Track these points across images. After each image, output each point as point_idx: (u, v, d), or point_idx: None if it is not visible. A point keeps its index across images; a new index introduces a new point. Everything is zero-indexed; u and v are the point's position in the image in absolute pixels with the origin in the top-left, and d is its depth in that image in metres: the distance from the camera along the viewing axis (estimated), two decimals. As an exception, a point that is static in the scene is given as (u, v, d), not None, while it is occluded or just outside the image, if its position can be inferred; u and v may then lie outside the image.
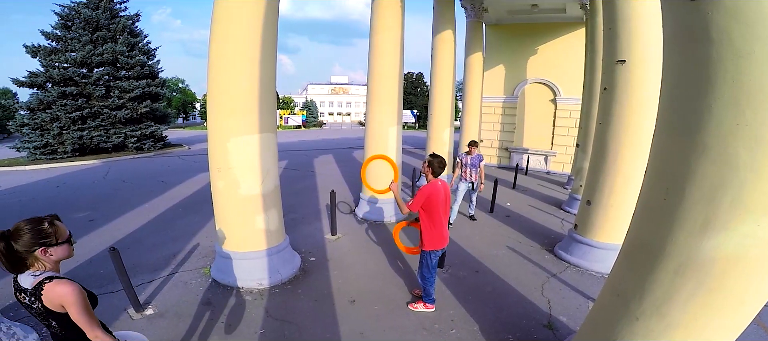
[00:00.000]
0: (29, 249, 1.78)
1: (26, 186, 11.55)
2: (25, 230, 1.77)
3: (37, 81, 17.94)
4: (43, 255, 1.81)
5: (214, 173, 4.68)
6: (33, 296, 1.79)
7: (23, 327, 3.59)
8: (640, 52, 4.92)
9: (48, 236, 1.81)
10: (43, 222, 1.82)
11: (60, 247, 1.87)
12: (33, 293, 1.79)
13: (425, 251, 4.07)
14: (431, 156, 3.95)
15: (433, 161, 3.90)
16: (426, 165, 3.95)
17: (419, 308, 4.28)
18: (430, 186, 3.87)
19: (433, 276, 4.17)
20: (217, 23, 4.36)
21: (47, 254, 1.82)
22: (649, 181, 2.34)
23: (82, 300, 1.82)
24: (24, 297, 1.82)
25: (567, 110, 14.49)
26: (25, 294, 1.81)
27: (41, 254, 1.80)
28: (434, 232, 3.96)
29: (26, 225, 1.78)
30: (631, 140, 5.10)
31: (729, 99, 1.75)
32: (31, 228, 1.78)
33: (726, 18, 1.73)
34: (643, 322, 2.25)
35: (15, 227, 1.78)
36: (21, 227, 1.78)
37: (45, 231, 1.80)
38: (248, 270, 4.77)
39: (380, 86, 7.42)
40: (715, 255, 1.91)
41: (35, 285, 1.79)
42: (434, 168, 3.89)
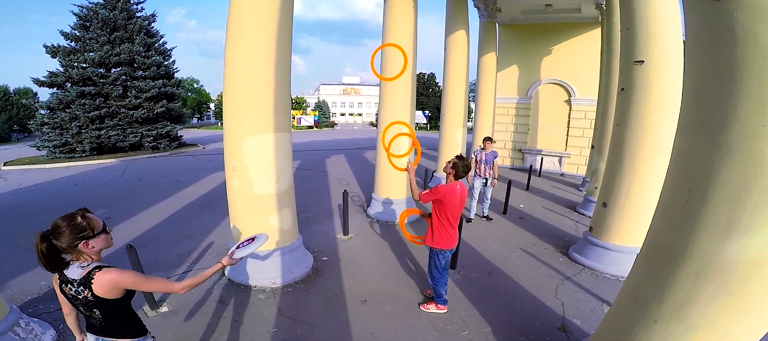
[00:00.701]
0: (72, 245, 1.85)
1: (46, 184, 11.83)
2: (63, 228, 1.84)
3: (57, 81, 18.39)
4: (86, 248, 1.89)
5: (229, 171, 4.73)
6: (82, 285, 1.88)
7: (41, 324, 3.67)
8: (658, 53, 4.83)
9: (85, 230, 1.89)
10: (76, 217, 1.89)
11: (98, 238, 1.96)
12: (82, 282, 1.88)
13: (434, 250, 4.04)
14: (458, 158, 3.87)
15: (459, 163, 3.82)
16: (450, 166, 3.86)
17: (431, 309, 4.26)
18: (448, 187, 3.81)
19: (443, 277, 4.14)
20: (232, 23, 4.40)
21: (89, 246, 1.90)
22: (670, 182, 2.30)
23: (134, 274, 1.97)
24: (70, 288, 1.90)
25: (582, 111, 14.31)
26: (72, 285, 1.89)
27: (84, 247, 1.88)
28: (443, 231, 3.93)
29: (63, 222, 1.85)
30: (649, 141, 5.01)
31: (755, 99, 1.71)
32: (67, 224, 1.84)
33: (751, 17, 1.69)
34: (662, 325, 2.21)
35: (53, 226, 1.85)
36: (59, 225, 1.85)
37: (81, 225, 1.87)
38: (262, 269, 4.80)
39: (393, 86, 7.41)
40: (738, 258, 1.87)
41: (84, 275, 1.88)
42: (458, 171, 3.82)
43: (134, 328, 2.11)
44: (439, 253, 4.02)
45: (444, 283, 4.18)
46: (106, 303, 1.93)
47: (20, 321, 3.45)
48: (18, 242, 6.23)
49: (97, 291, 1.88)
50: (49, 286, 4.66)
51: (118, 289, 1.94)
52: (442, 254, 4.03)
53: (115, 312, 1.99)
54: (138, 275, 1.98)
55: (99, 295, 1.89)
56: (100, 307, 1.94)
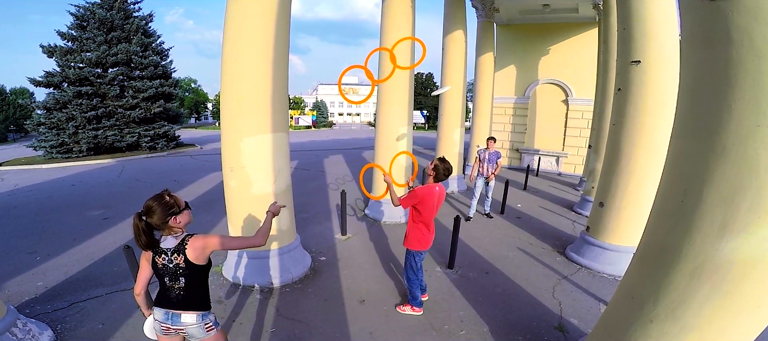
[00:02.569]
0: (164, 221, 2.13)
1: (43, 184, 11.78)
2: (155, 207, 2.11)
3: (54, 81, 18.30)
4: (175, 223, 2.18)
5: (226, 172, 4.72)
6: (176, 252, 2.17)
7: (38, 324, 3.66)
8: (655, 53, 4.85)
9: (173, 206, 2.17)
10: (164, 197, 2.16)
11: (184, 213, 2.24)
12: (177, 249, 2.17)
13: (410, 251, 4.04)
14: (440, 160, 3.86)
15: (440, 166, 3.82)
16: (431, 167, 3.88)
17: (406, 311, 4.21)
18: (426, 189, 3.80)
19: (418, 278, 4.11)
20: (230, 23, 4.40)
21: (177, 221, 2.18)
22: (666, 182, 2.31)
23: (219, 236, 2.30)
24: (164, 257, 2.18)
25: (579, 111, 14.35)
26: (166, 254, 2.18)
27: (173, 222, 2.16)
28: (419, 233, 3.94)
29: (154, 202, 2.13)
30: (646, 141, 5.03)
31: (749, 100, 1.72)
32: (158, 203, 2.13)
33: (746, 18, 1.70)
34: (657, 325, 2.23)
35: (146, 207, 2.13)
36: (151, 206, 2.12)
37: (169, 203, 2.16)
38: (259, 269, 4.80)
39: (391, 86, 7.42)
40: (733, 258, 1.88)
41: (179, 242, 2.18)
42: (439, 173, 3.83)
43: (205, 301, 2.34)
44: (415, 254, 4.02)
45: (418, 285, 4.15)
46: (194, 269, 2.21)
47: (18, 322, 3.43)
48: (15, 242, 6.21)
49: (190, 255, 2.17)
50: (46, 287, 4.65)
51: (207, 252, 2.25)
52: (418, 255, 4.03)
53: (199, 279, 2.27)
54: (222, 236, 2.31)
55: (191, 260, 2.17)
56: (187, 274, 2.20)
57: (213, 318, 2.40)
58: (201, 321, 2.29)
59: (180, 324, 2.25)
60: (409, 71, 7.52)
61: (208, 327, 2.32)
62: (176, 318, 2.24)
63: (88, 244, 6.18)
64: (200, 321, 2.29)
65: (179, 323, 2.25)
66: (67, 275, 5.01)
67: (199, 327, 2.28)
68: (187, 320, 2.25)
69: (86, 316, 4.01)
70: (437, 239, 6.49)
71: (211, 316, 2.38)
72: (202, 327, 2.30)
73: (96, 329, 3.79)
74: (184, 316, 2.24)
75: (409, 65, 7.08)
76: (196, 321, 2.27)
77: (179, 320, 2.24)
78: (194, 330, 2.28)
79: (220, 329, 2.49)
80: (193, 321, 2.26)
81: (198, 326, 2.28)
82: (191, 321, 2.26)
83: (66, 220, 7.53)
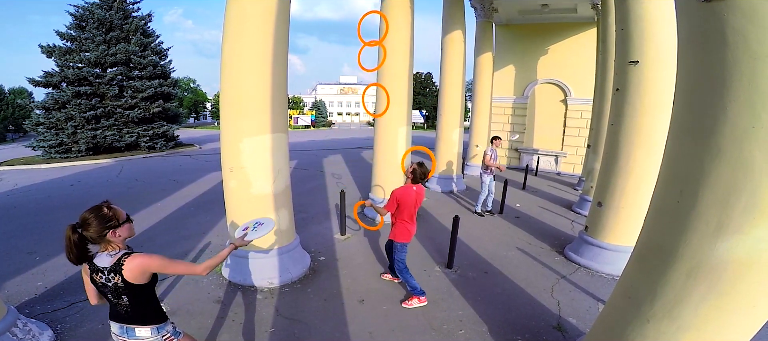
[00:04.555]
0: (101, 234, 1.99)
1: (41, 184, 11.78)
2: (91, 219, 1.97)
3: (53, 81, 18.26)
4: (113, 237, 2.03)
5: (226, 172, 4.73)
6: (112, 272, 2.01)
7: (38, 324, 3.67)
8: (653, 53, 4.87)
9: (111, 219, 2.02)
10: (102, 209, 2.02)
11: (123, 227, 2.09)
12: (113, 269, 2.01)
13: (395, 243, 4.39)
14: (418, 164, 4.25)
15: (418, 169, 4.22)
16: (410, 170, 4.25)
17: (414, 304, 4.36)
18: (403, 190, 4.22)
19: (406, 268, 4.45)
20: (229, 23, 4.41)
21: (116, 235, 2.04)
22: (662, 183, 2.32)
23: (160, 258, 2.12)
24: (100, 276, 2.03)
25: (578, 111, 14.37)
26: (103, 272, 2.03)
27: (111, 236, 2.02)
28: (403, 227, 4.32)
29: (90, 214, 1.99)
30: (644, 141, 5.05)
31: (745, 101, 1.74)
32: (95, 216, 1.98)
33: (742, 20, 1.72)
34: (655, 324, 2.24)
35: (82, 219, 1.98)
36: (87, 217, 1.98)
37: (107, 215, 2.01)
38: (259, 269, 4.81)
39: (390, 86, 7.43)
40: (728, 259, 1.90)
41: (115, 262, 2.01)
42: (416, 176, 4.23)
43: (158, 314, 2.24)
44: (399, 246, 4.38)
45: (410, 273, 4.44)
46: (134, 289, 2.06)
47: (18, 322, 3.44)
48: (15, 242, 6.22)
49: (127, 275, 2.01)
50: (46, 287, 4.66)
51: (146, 273, 2.08)
52: (402, 246, 4.38)
53: (143, 297, 2.12)
54: (163, 258, 2.13)
55: (128, 280, 2.02)
56: (129, 293, 2.06)
57: (171, 327, 2.33)
58: (157, 334, 2.21)
59: (135, 337, 2.17)
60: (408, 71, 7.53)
61: (166, 337, 2.25)
62: (131, 331, 2.17)
63: (87, 244, 6.16)
64: (156, 335, 2.20)
65: (134, 337, 2.17)
66: (67, 275, 5.01)
67: (155, 339, 2.20)
68: (142, 334, 2.17)
69: (86, 316, 4.01)
70: (436, 239, 6.55)
71: (168, 327, 2.30)
72: (160, 339, 2.22)
73: (96, 329, 3.79)
74: (139, 330, 2.17)
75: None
76: (152, 334, 2.19)
77: (134, 334, 2.17)
78: None
79: (186, 335, 2.44)
80: (149, 335, 2.18)
81: (154, 339, 2.20)
82: (146, 334, 2.18)
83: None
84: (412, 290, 4.40)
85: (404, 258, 4.43)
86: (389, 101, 6.53)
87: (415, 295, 4.39)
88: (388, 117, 7.53)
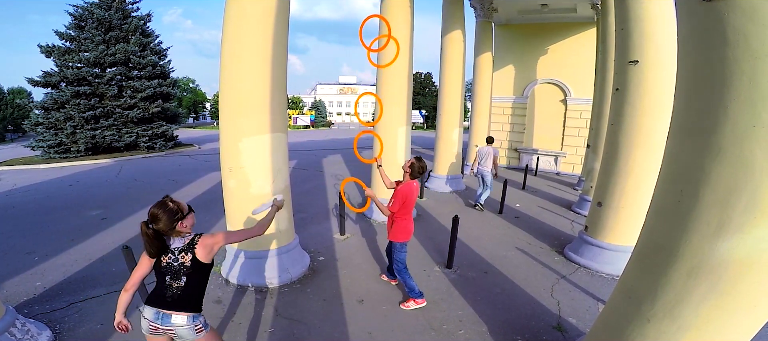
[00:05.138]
0: (171, 227, 2.22)
1: (40, 184, 11.76)
2: (160, 214, 2.19)
3: (52, 81, 18.25)
4: (182, 227, 2.28)
5: (225, 172, 4.73)
6: (184, 251, 2.28)
7: (37, 324, 3.66)
8: (653, 53, 4.87)
9: (177, 212, 2.24)
10: (167, 203, 2.23)
11: (188, 216, 2.33)
12: (187, 247, 2.29)
13: (395, 243, 4.28)
14: (416, 159, 4.20)
15: (416, 164, 4.17)
16: (408, 165, 4.19)
17: (411, 306, 4.31)
18: (407, 187, 4.13)
19: (406, 268, 4.35)
20: (229, 23, 4.40)
21: (184, 225, 2.28)
22: (662, 183, 2.32)
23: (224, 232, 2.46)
24: (170, 256, 2.28)
25: (577, 111, 14.37)
26: (173, 253, 2.27)
27: (180, 226, 2.27)
28: (405, 224, 4.24)
29: (158, 210, 2.20)
30: (644, 141, 5.04)
31: (745, 100, 1.73)
32: (163, 210, 2.20)
33: (742, 19, 1.71)
34: (655, 324, 2.24)
35: (151, 215, 2.20)
36: (156, 213, 2.19)
37: (173, 209, 2.23)
38: (258, 269, 4.81)
39: (389, 86, 7.43)
40: (729, 258, 1.89)
41: (189, 241, 2.31)
42: (414, 171, 4.17)
43: (199, 302, 2.39)
44: (401, 246, 4.28)
45: (409, 274, 4.36)
46: (199, 268, 2.31)
47: (16, 322, 3.43)
48: (13, 242, 6.20)
49: (200, 253, 2.28)
50: (45, 287, 4.65)
51: (215, 249, 2.36)
52: (404, 246, 4.29)
53: (200, 278, 2.35)
54: (226, 232, 2.47)
55: (199, 258, 2.28)
56: (191, 272, 2.28)
57: (203, 320, 2.40)
58: (191, 323, 2.30)
59: (170, 324, 2.25)
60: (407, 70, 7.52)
61: (198, 328, 2.33)
62: (167, 318, 2.25)
63: (86, 244, 6.17)
64: (191, 323, 2.29)
65: (169, 323, 2.25)
66: (66, 275, 5.00)
67: (189, 328, 2.29)
68: (178, 321, 2.26)
69: (85, 316, 4.01)
70: (436, 239, 6.54)
71: (201, 318, 2.38)
72: (192, 329, 2.30)
73: (94, 329, 3.79)
74: (175, 317, 2.25)
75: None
76: (187, 323, 2.28)
77: (170, 320, 2.25)
78: (184, 332, 2.28)
79: (212, 329, 2.50)
80: (184, 323, 2.27)
81: (188, 327, 2.28)
82: (181, 322, 2.26)
83: (64, 220, 7.51)
84: (410, 291, 4.32)
85: (404, 258, 4.34)
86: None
87: (413, 297, 4.33)
88: (388, 117, 7.52)
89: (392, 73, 7.39)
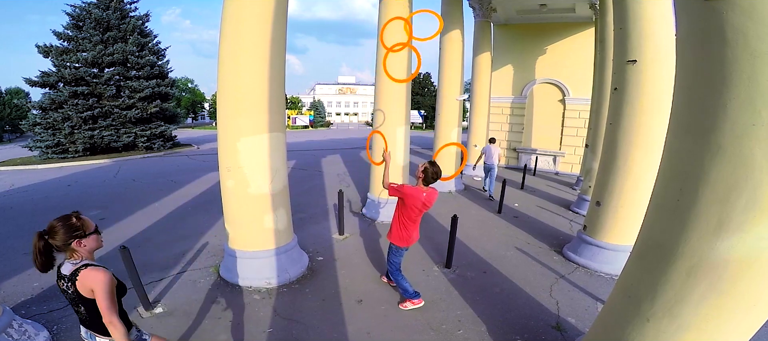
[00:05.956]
0: (66, 243, 2.00)
1: (38, 185, 11.73)
2: (58, 227, 1.99)
3: (49, 81, 18.21)
4: (79, 247, 2.04)
5: (223, 172, 4.71)
6: (69, 281, 2.01)
7: (34, 325, 3.65)
8: (651, 52, 4.87)
9: (78, 229, 2.04)
10: (71, 218, 2.04)
11: (90, 237, 2.11)
12: (70, 278, 2.01)
13: (393, 246, 4.16)
14: (430, 163, 3.84)
15: (430, 169, 3.80)
16: (420, 170, 3.86)
17: (408, 306, 4.30)
18: (414, 189, 3.85)
19: (400, 271, 4.27)
20: (227, 22, 4.39)
21: (82, 245, 2.05)
22: (662, 181, 2.31)
23: (108, 287, 2.03)
24: (63, 283, 2.05)
25: (576, 111, 14.38)
26: (64, 280, 2.04)
27: (77, 245, 2.03)
28: (403, 229, 4.04)
29: (58, 223, 2.00)
30: (642, 140, 5.05)
31: (745, 99, 1.73)
32: (62, 224, 2.00)
33: (741, 18, 1.71)
34: (654, 323, 2.23)
35: (49, 227, 1.99)
36: (54, 226, 1.99)
37: (75, 225, 2.03)
38: (257, 269, 4.79)
39: (388, 86, 7.41)
40: (729, 257, 1.89)
41: (73, 272, 2.02)
42: (427, 176, 3.81)
43: None
44: (394, 249, 4.15)
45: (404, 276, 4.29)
46: (87, 302, 2.05)
47: (13, 323, 3.42)
48: (11, 243, 6.18)
49: (79, 288, 2.00)
50: (42, 288, 4.63)
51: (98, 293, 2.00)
52: (398, 251, 4.14)
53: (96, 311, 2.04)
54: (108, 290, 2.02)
55: (80, 292, 2.01)
56: (84, 304, 2.06)
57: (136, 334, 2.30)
58: None
59: None
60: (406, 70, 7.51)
61: None
62: (93, 338, 2.18)
63: (84, 245, 6.13)
64: None
65: None
66: (63, 276, 4.98)
67: None
68: None
69: (82, 317, 3.98)
70: (435, 239, 6.53)
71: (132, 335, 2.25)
72: None
73: (92, 330, 3.77)
74: (99, 338, 2.16)
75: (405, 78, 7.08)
76: None
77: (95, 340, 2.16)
78: None
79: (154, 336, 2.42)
80: None
81: None
82: None
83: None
84: (404, 292, 4.28)
85: (399, 262, 4.22)
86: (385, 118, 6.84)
87: (408, 298, 4.30)
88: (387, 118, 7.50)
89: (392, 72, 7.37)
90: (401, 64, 7.35)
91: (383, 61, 5.56)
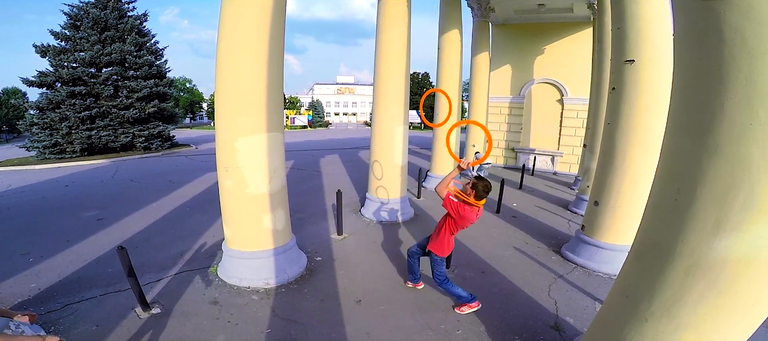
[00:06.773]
0: None
1: (36, 185, 11.69)
2: None
3: (47, 81, 18.14)
4: None
5: (221, 172, 4.70)
6: None
7: (32, 326, 3.62)
8: (649, 52, 4.88)
9: None
10: None
11: None
12: None
13: (437, 257, 4.14)
14: (477, 178, 3.71)
15: (479, 183, 3.66)
16: (470, 187, 3.71)
17: (465, 310, 4.23)
18: (470, 211, 3.73)
19: (447, 278, 4.24)
20: (225, 22, 4.38)
21: None
22: (659, 181, 2.32)
23: None
24: None
25: (574, 110, 14.42)
26: None
27: None
28: (445, 242, 4.08)
29: None
30: (640, 140, 5.06)
31: (742, 99, 1.73)
32: None
33: (739, 17, 1.71)
34: (653, 323, 2.23)
35: None
36: None
37: None
38: (255, 270, 4.78)
39: (386, 85, 7.42)
40: (727, 256, 1.89)
41: None
42: (478, 191, 3.67)
43: None
44: (440, 260, 4.14)
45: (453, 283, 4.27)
46: None
47: (10, 324, 3.39)
48: (8, 244, 6.15)
49: None
50: (40, 289, 4.61)
51: None
52: (442, 260, 4.16)
53: None
54: None
55: None
56: None
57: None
58: None
59: None
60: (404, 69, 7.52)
61: None
62: None
63: (81, 245, 6.13)
64: None
65: None
66: (61, 276, 4.97)
67: None
68: None
69: (80, 318, 3.98)
70: (433, 239, 6.52)
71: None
72: None
73: (89, 331, 3.76)
74: None
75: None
76: None
77: None
78: None
79: None
80: None
81: None
82: None
83: (59, 221, 7.47)
84: (459, 299, 4.24)
85: (444, 271, 4.21)
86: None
87: (465, 303, 4.23)
88: (385, 117, 7.52)
89: (389, 72, 7.38)
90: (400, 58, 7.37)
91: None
